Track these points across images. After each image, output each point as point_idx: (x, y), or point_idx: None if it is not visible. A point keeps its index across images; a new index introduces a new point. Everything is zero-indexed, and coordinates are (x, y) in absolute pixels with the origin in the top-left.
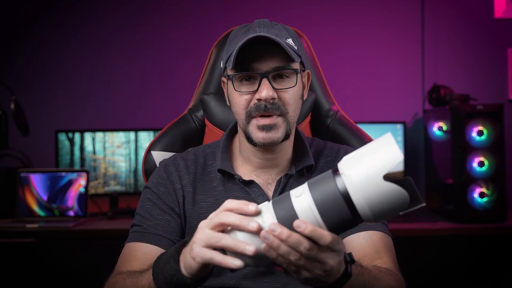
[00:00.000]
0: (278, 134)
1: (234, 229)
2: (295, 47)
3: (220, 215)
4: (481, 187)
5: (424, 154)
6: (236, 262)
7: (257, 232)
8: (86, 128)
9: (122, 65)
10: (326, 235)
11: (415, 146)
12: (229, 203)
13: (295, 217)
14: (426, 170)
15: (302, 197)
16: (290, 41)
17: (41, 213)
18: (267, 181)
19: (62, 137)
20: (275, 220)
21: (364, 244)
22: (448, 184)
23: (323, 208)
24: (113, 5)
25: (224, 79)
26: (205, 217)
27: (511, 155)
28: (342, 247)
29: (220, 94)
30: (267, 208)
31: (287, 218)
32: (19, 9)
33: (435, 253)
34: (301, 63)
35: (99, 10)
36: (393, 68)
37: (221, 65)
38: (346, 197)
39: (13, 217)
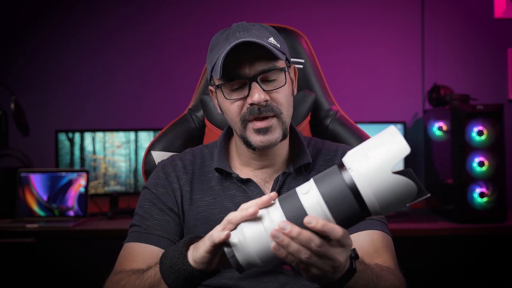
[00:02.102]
0: (275, 135)
1: (242, 226)
2: (278, 45)
3: (226, 217)
4: (481, 187)
5: (424, 154)
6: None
7: (254, 216)
8: (86, 128)
9: (122, 65)
10: (337, 229)
11: (415, 146)
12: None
13: (304, 213)
14: (426, 170)
15: (310, 193)
16: (272, 40)
17: (41, 213)
18: (264, 179)
19: (62, 137)
20: (284, 218)
21: (364, 243)
22: (448, 184)
23: (331, 202)
24: (113, 5)
25: (211, 88)
26: (202, 217)
27: (511, 155)
28: (351, 242)
29: None
30: (274, 206)
31: (296, 215)
32: (19, 9)
33: (435, 253)
34: (286, 59)
35: (99, 10)
36: (393, 68)
37: (207, 75)
38: (354, 190)
39: (13, 217)
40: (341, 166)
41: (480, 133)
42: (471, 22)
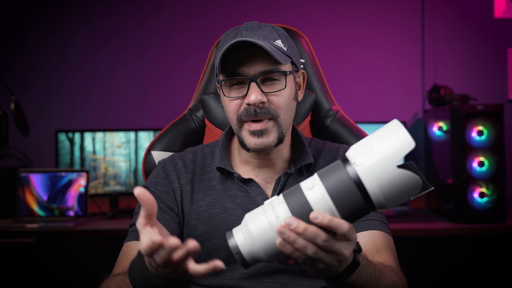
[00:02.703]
0: (270, 138)
1: (247, 222)
2: (284, 48)
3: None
4: (481, 187)
5: (424, 154)
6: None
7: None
8: (86, 128)
9: (122, 65)
10: (343, 224)
11: (415, 146)
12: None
13: (310, 209)
14: (426, 170)
15: (315, 188)
16: (279, 42)
17: (41, 213)
18: (266, 180)
19: (62, 137)
20: (290, 214)
21: (365, 243)
22: (448, 184)
23: (336, 197)
24: (113, 5)
25: (217, 83)
26: (203, 217)
27: (511, 155)
28: (355, 236)
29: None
30: (278, 202)
31: (302, 210)
32: (19, 9)
33: (435, 253)
34: (293, 63)
35: (99, 10)
36: (393, 68)
37: (215, 70)
38: (359, 184)
39: (13, 217)
40: (345, 161)
41: (480, 133)
42: (471, 22)
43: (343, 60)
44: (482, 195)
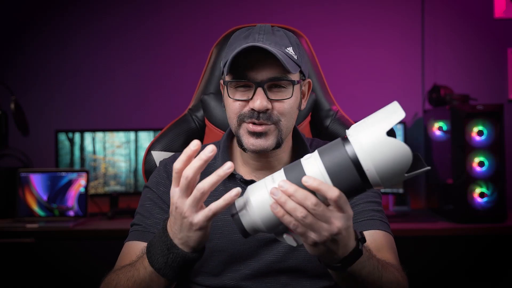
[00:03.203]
0: (268, 141)
1: (247, 192)
2: (295, 57)
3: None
4: (481, 187)
5: (424, 154)
6: (233, 191)
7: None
8: (86, 128)
9: (122, 65)
10: (333, 189)
11: (415, 146)
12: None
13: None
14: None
15: (312, 162)
16: (290, 50)
17: (41, 213)
18: None
19: (62, 137)
20: (285, 178)
21: (366, 242)
22: (448, 184)
23: (333, 172)
24: (113, 5)
25: (222, 82)
26: None
27: (511, 155)
28: (350, 211)
29: (220, 94)
30: (278, 174)
31: (297, 178)
32: (19, 9)
33: (435, 253)
34: (301, 72)
35: (99, 10)
36: (393, 68)
37: (221, 67)
38: (355, 162)
39: (13, 217)
40: (345, 139)
41: (480, 133)
42: (471, 22)
43: (343, 60)
44: (482, 195)
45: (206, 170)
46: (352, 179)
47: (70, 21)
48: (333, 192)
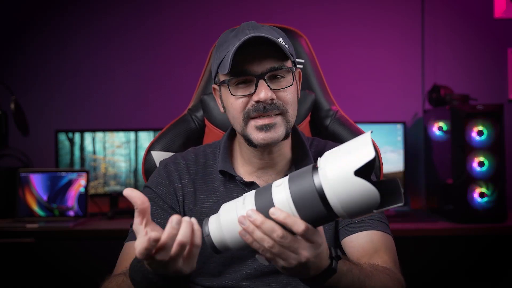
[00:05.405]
0: (278, 133)
1: (220, 211)
2: (287, 47)
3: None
4: (481, 187)
5: (424, 154)
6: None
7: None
8: (86, 128)
9: (122, 65)
10: (299, 223)
11: (415, 146)
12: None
13: (272, 205)
14: (426, 170)
15: (281, 189)
16: (280, 40)
17: (41, 213)
18: (267, 181)
19: (62, 137)
20: (254, 207)
21: (364, 243)
22: (448, 184)
23: (299, 202)
24: (113, 5)
25: (215, 86)
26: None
27: (511, 155)
28: (320, 240)
29: None
30: (250, 196)
31: (265, 206)
32: (19, 9)
33: (435, 253)
34: (293, 62)
35: (99, 10)
36: (393, 68)
37: (212, 73)
38: (321, 195)
39: (13, 217)
40: (315, 167)
41: (480, 133)
42: (471, 22)
43: (343, 60)
44: (482, 195)
45: (207, 170)
46: (318, 211)
47: (70, 21)
48: (299, 226)
